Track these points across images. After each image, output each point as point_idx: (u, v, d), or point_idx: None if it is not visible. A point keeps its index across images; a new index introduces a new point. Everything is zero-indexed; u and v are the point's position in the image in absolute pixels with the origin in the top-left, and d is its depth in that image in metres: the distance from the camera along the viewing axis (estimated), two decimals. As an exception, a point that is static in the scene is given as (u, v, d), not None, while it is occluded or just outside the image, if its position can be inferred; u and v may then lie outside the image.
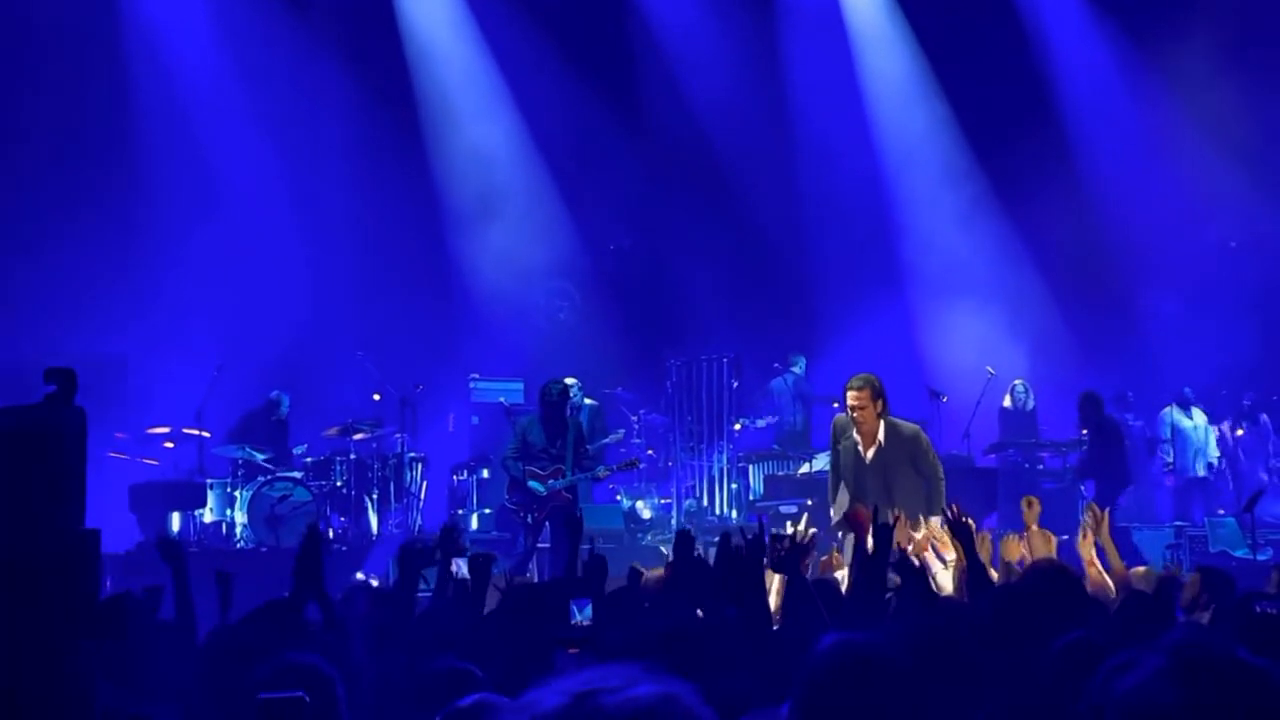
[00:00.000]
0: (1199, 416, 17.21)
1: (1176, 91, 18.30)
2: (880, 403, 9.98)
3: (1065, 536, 9.88)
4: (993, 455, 16.24)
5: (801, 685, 2.77)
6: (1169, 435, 17.03)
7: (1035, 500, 7.48)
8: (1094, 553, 7.22)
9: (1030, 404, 17.04)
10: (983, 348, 17.70)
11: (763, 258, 19.10)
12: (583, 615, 6.60)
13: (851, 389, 10.03)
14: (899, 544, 6.55)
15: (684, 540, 7.38)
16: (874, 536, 6.28)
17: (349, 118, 18.01)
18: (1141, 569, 8.24)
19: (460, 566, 7.47)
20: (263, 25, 17.49)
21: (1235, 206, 18.38)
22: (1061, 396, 16.88)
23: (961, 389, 16.50)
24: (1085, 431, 14.88)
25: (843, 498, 10.16)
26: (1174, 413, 17.10)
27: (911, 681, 2.74)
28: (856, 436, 10.07)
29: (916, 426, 10.39)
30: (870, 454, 10.00)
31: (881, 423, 10.01)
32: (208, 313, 16.93)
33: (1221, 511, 16.19)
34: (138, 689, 4.75)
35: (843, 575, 8.15)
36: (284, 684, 3.81)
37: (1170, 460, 16.97)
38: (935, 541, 7.96)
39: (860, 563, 6.37)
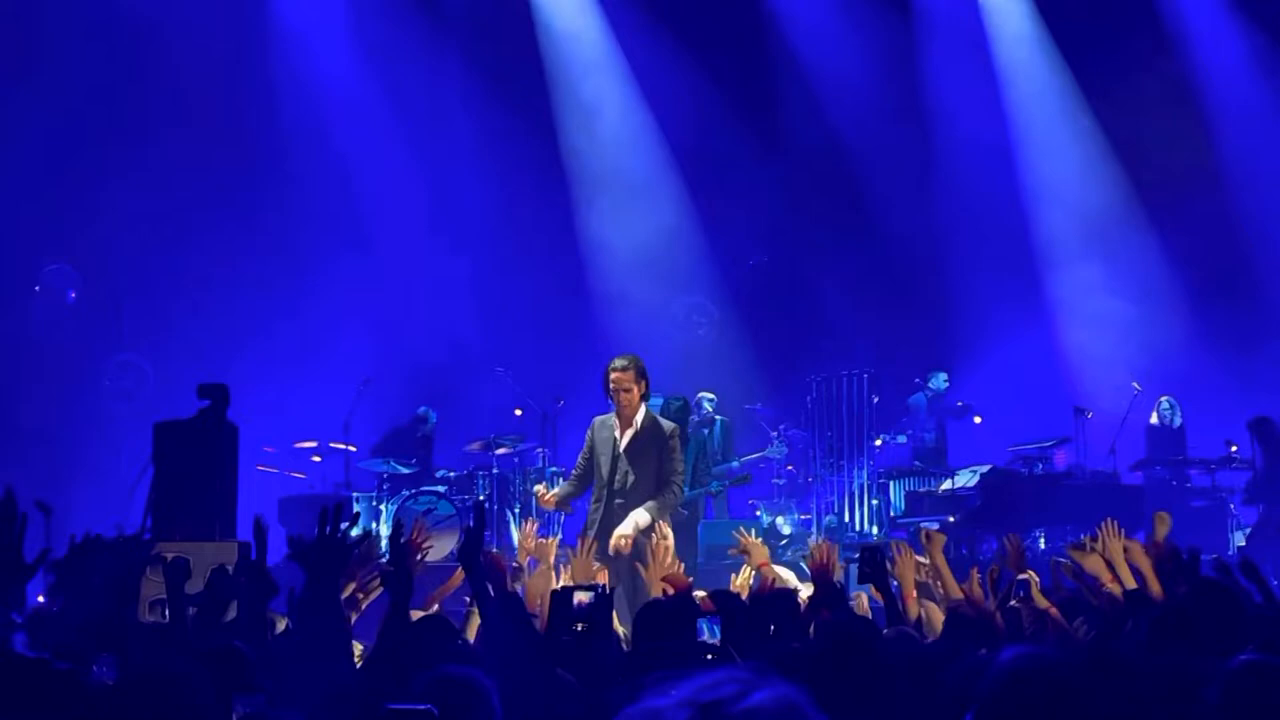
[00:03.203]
0: None
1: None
2: (644, 384, 9.65)
3: (1214, 555, 9.64)
4: (1139, 472, 15.96)
5: (984, 697, 2.76)
6: None
7: (1166, 516, 7.17)
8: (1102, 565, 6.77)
9: (1177, 420, 16.67)
10: (1127, 362, 17.39)
11: (901, 272, 18.90)
12: (711, 634, 6.51)
13: (615, 369, 9.64)
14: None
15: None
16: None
17: (486, 130, 18.22)
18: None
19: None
20: (407, 56, 17.84)
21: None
22: (1206, 413, 16.52)
23: (1107, 404, 16.23)
24: (1238, 450, 14.49)
25: (565, 489, 10.05)
26: None
27: (1090, 696, 2.72)
28: (614, 422, 9.74)
29: (675, 425, 10.01)
30: (626, 439, 9.66)
31: (643, 408, 9.69)
32: (353, 327, 17.23)
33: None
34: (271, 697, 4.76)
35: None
36: (437, 697, 3.85)
37: None
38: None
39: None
